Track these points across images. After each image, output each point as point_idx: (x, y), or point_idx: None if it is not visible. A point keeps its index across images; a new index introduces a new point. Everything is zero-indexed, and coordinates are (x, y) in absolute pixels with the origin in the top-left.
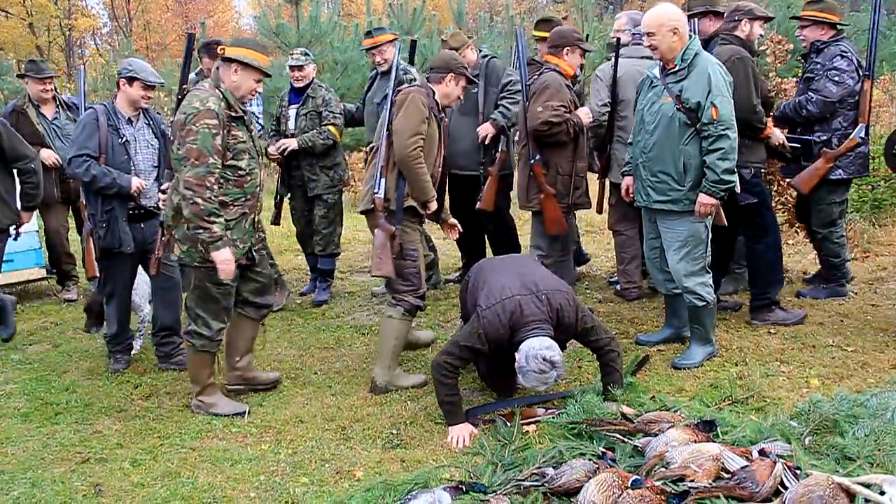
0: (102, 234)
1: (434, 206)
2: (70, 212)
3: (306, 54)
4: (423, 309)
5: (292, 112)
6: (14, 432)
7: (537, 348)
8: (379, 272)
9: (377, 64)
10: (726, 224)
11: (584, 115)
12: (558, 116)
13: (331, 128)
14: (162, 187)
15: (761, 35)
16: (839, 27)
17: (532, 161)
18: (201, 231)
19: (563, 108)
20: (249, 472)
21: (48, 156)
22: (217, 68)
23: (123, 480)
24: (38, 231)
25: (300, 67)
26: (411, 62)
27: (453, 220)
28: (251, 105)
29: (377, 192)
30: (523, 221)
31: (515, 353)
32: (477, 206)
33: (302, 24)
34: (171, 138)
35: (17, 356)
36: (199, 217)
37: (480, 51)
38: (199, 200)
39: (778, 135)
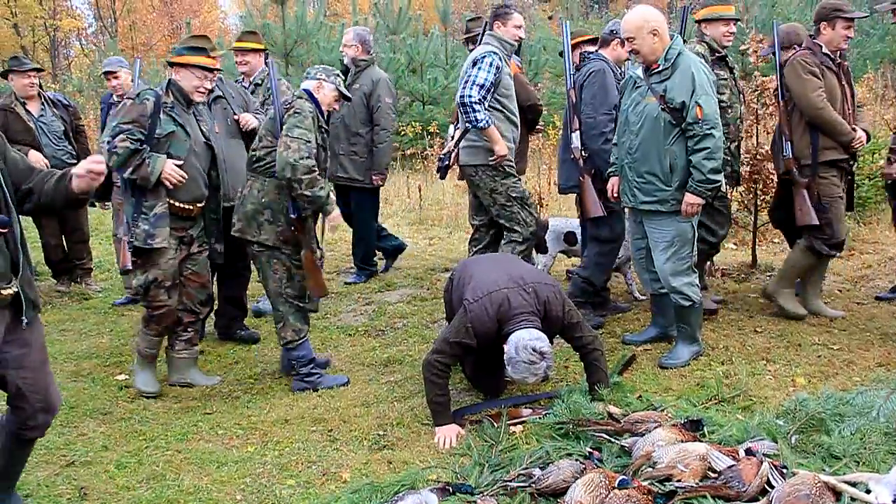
0: None
1: None
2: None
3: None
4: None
5: None
6: None
7: (527, 339)
8: (803, 222)
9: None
10: None
11: None
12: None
13: None
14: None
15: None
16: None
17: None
18: None
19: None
20: (235, 474)
21: (37, 159)
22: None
23: (108, 483)
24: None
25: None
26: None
27: None
28: None
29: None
30: None
31: (504, 345)
32: None
33: (287, 24)
34: None
35: None
36: None
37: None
38: None
39: None
